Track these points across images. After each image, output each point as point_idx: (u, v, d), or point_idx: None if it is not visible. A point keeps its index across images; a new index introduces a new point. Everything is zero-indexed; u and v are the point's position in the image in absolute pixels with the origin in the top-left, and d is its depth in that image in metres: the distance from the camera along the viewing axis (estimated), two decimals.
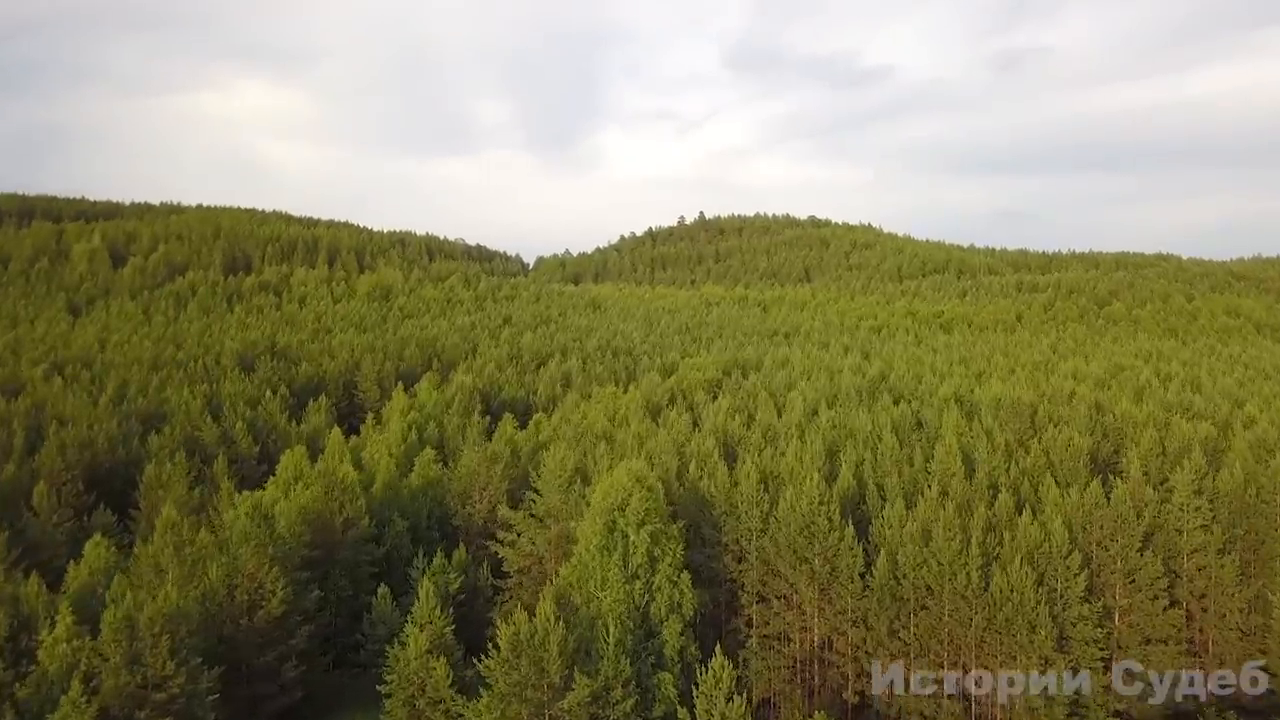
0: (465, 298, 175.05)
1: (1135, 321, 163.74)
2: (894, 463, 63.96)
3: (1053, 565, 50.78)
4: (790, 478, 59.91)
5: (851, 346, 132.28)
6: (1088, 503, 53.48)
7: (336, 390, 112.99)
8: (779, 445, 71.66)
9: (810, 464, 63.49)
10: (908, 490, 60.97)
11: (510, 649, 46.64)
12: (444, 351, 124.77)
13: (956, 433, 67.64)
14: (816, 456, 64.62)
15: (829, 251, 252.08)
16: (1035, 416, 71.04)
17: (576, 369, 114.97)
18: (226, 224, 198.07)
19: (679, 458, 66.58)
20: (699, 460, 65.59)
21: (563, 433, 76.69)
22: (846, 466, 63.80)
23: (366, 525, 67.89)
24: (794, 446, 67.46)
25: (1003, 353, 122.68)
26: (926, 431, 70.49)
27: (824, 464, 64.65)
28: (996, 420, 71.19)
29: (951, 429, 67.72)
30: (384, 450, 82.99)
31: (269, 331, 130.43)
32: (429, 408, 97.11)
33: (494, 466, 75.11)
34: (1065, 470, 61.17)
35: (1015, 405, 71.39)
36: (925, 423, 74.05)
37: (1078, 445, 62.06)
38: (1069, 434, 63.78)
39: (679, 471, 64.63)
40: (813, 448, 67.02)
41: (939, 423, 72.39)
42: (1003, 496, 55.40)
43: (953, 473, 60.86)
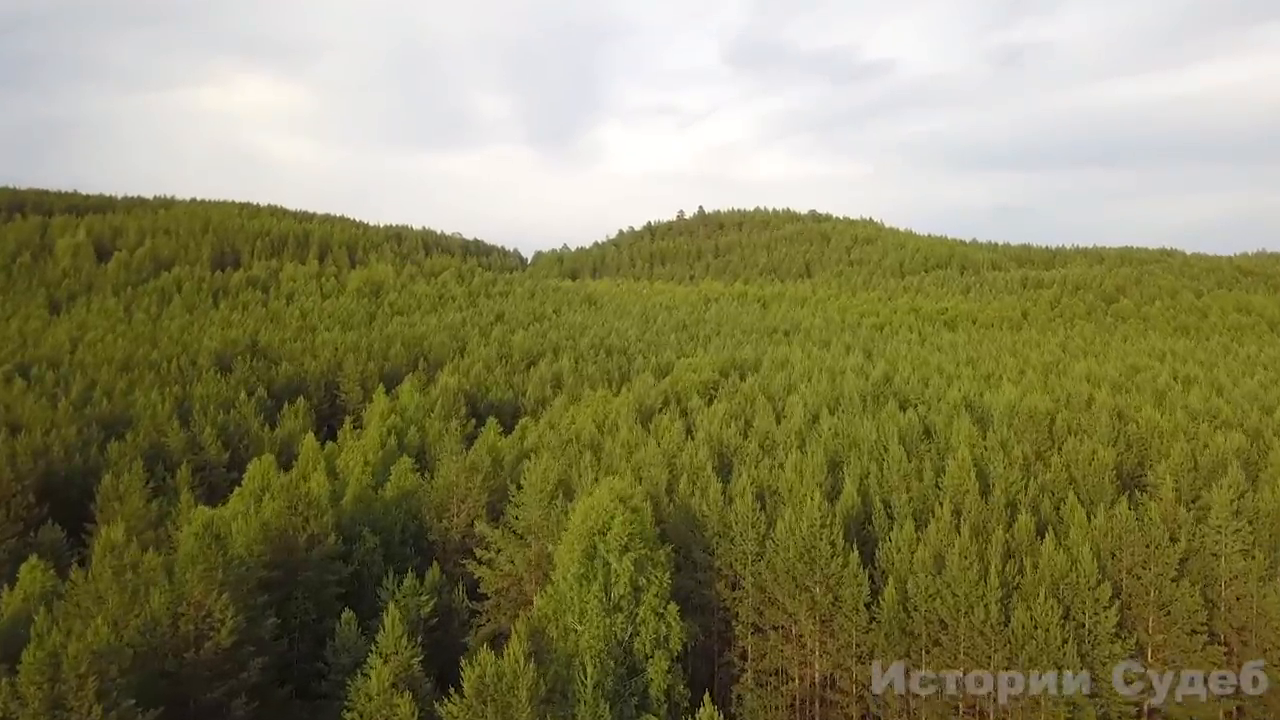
0: (458, 294, 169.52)
1: (1144, 319, 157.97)
2: (902, 477, 58.45)
3: (1079, 598, 45.31)
4: (789, 495, 54.42)
5: (853, 345, 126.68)
6: (1117, 526, 47.98)
7: (318, 391, 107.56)
8: (777, 456, 66.18)
9: (811, 478, 58.01)
10: (917, 508, 55.50)
11: (475, 693, 41.31)
12: (431, 350, 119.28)
13: (969, 444, 62.08)
14: (818, 470, 59.11)
15: (830, 247, 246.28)
16: (1053, 426, 65.41)
17: (568, 369, 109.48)
18: (216, 218, 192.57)
19: (669, 471, 61.10)
20: (691, 474, 60.13)
21: (547, 440, 71.25)
22: (850, 481, 58.33)
23: (333, 542, 62.35)
24: (794, 458, 61.97)
25: (1010, 352, 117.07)
26: (936, 442, 64.96)
27: (825, 478, 59.18)
28: (1012, 429, 65.61)
29: (964, 440, 62.17)
30: (359, 458, 77.55)
31: (251, 329, 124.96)
32: (410, 411, 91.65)
33: (473, 477, 69.65)
34: (1089, 487, 55.61)
35: (1032, 413, 65.75)
36: (934, 431, 68.50)
37: (1102, 459, 56.49)
38: (1092, 446, 58.21)
39: (669, 486, 59.17)
40: (814, 460, 61.50)
41: (949, 432, 66.85)
42: (1022, 518, 49.89)
43: (966, 489, 55.34)
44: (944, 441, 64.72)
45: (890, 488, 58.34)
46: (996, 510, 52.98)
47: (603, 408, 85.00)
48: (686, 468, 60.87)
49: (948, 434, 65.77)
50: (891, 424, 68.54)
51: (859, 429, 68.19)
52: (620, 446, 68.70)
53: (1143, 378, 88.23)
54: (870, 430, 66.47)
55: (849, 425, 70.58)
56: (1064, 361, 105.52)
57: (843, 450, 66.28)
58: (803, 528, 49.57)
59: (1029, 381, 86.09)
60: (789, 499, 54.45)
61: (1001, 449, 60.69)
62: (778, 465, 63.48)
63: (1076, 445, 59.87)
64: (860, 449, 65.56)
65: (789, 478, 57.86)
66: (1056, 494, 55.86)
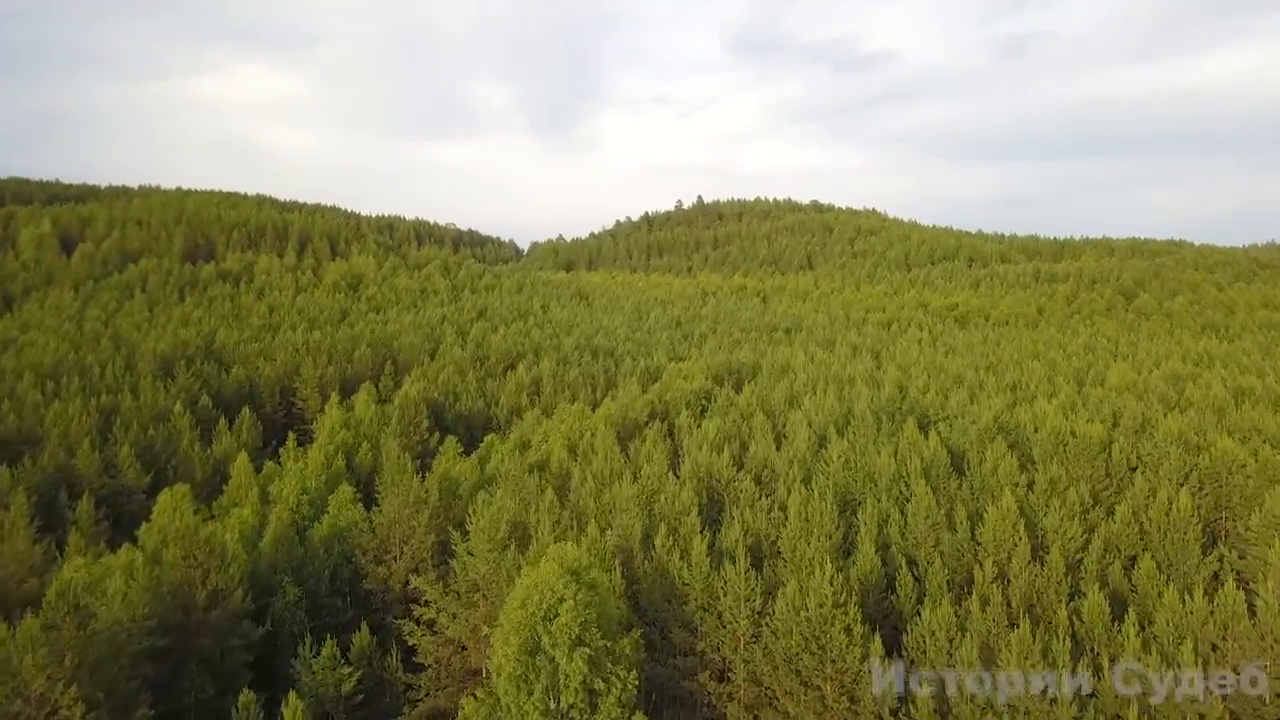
0: (441, 288, 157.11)
1: (1168, 315, 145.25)
2: (930, 527, 46.34)
3: None
4: (792, 556, 42.38)
5: (860, 346, 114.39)
6: (1222, 613, 35.83)
7: (272, 399, 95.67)
8: (777, 492, 54.11)
9: (818, 528, 45.96)
10: (952, 570, 43.45)
11: None
12: (401, 352, 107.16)
13: (1009, 482, 49.94)
14: (826, 515, 46.99)
15: (832, 238, 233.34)
16: (1110, 459, 53.12)
17: (548, 374, 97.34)
18: (191, 208, 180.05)
19: (646, 515, 49.02)
20: (672, 521, 48.09)
21: (509, 469, 59.22)
22: (866, 532, 46.27)
23: (241, 599, 50.52)
24: (797, 498, 49.90)
25: (1032, 355, 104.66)
26: (969, 479, 52.71)
27: (836, 527, 47.10)
28: (1060, 462, 53.36)
29: (1004, 478, 50.00)
30: (295, 485, 65.67)
31: (210, 328, 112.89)
32: (365, 425, 79.70)
33: (418, 514, 57.72)
34: (1169, 546, 43.47)
35: (1084, 443, 53.41)
36: (965, 463, 56.33)
37: (1182, 509, 44.25)
38: (1168, 491, 45.88)
39: (646, 535, 47.15)
40: (821, 500, 49.41)
41: (981, 463, 54.66)
42: (1093, 597, 37.76)
43: (1013, 544, 43.29)
44: (977, 478, 52.47)
45: (915, 540, 46.26)
46: (1054, 576, 40.87)
47: (579, 424, 72.94)
48: (667, 513, 48.79)
49: (981, 467, 53.54)
50: (913, 453, 56.37)
51: (874, 459, 56.02)
52: (591, 478, 56.64)
53: (1192, 390, 75.82)
54: (888, 461, 54.28)
55: (862, 453, 58.43)
56: (1095, 367, 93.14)
57: (856, 486, 54.18)
58: (810, 606, 37.55)
59: (1064, 396, 73.74)
60: (791, 561, 42.42)
61: (1051, 488, 48.46)
62: (778, 507, 51.43)
63: (1144, 486, 47.60)
64: (877, 485, 53.45)
65: (792, 528, 45.81)
66: (1129, 555, 43.80)
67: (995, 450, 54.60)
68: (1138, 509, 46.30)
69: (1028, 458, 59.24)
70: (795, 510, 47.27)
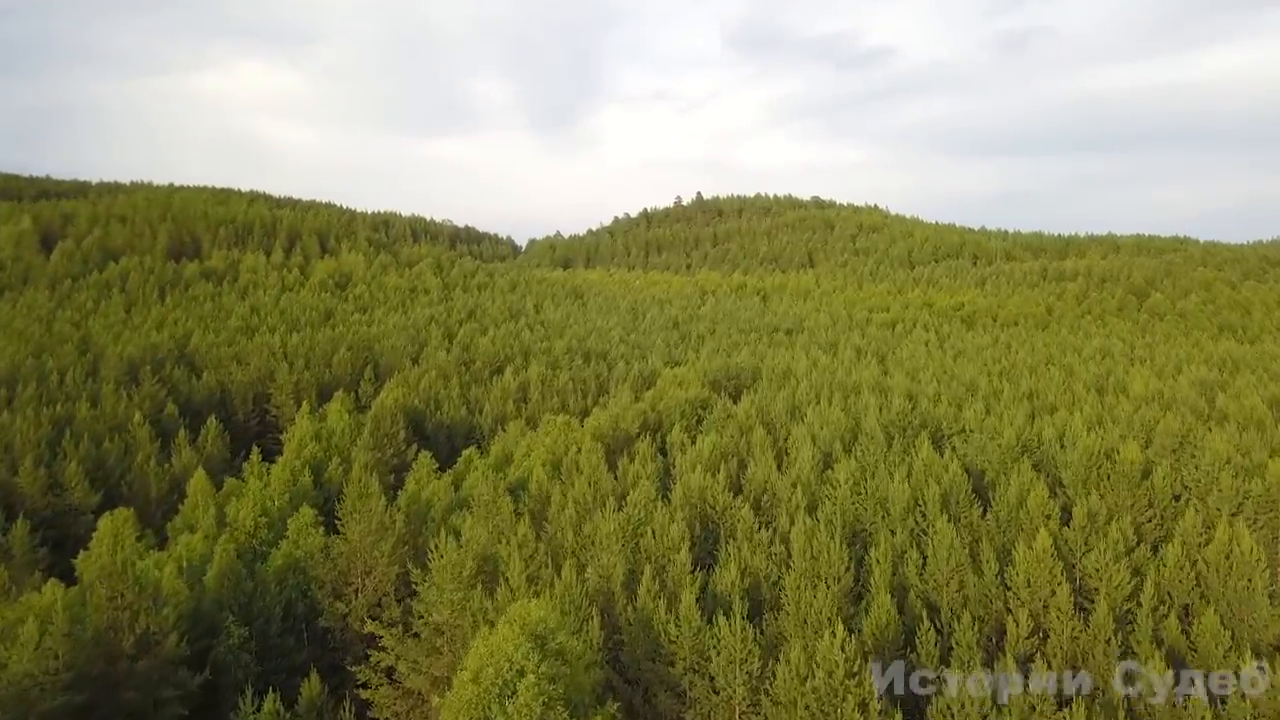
0: (433, 286, 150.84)
1: (1182, 315, 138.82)
2: (953, 568, 40.15)
3: None
4: (796, 610, 36.22)
5: (864, 349, 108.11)
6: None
7: (245, 406, 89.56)
8: (779, 521, 47.95)
9: (826, 570, 39.83)
10: (981, 624, 37.27)
11: None
12: (383, 355, 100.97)
13: (1041, 514, 43.72)
14: (834, 554, 40.82)
15: (834, 235, 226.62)
16: (1153, 485, 46.85)
17: (536, 380, 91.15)
18: (177, 204, 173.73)
19: (630, 554, 42.85)
20: (658, 560, 41.94)
21: (482, 494, 53.02)
22: (880, 573, 40.15)
23: (175, 644, 44.46)
24: (800, 530, 43.78)
25: (1046, 359, 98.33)
26: (995, 510, 46.43)
27: (846, 567, 40.93)
28: (1096, 489, 47.11)
29: (1035, 510, 43.77)
30: (254, 506, 59.55)
31: (186, 330, 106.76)
32: (337, 436, 73.56)
33: (381, 542, 51.62)
34: (1231, 595, 37.26)
35: (1123, 467, 47.15)
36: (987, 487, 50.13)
37: (1244, 552, 37.98)
38: (1224, 529, 39.56)
39: (629, 578, 40.98)
40: (828, 533, 43.29)
41: (1006, 488, 48.42)
42: (1154, 668, 31.55)
43: (1050, 590, 37.14)
44: (1004, 507, 46.21)
45: (937, 584, 40.07)
46: (1101, 632, 34.69)
47: (564, 437, 66.73)
48: (654, 551, 42.59)
49: (1006, 494, 47.28)
50: (929, 477, 50.17)
51: (886, 483, 49.79)
52: (573, 504, 50.44)
53: (1224, 400, 69.58)
54: (901, 487, 48.03)
55: (872, 474, 52.22)
56: (1114, 373, 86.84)
57: (866, 515, 47.98)
58: (818, 675, 31.41)
59: (1089, 408, 67.47)
60: (795, 614, 36.24)
61: (1090, 522, 42.20)
62: (779, 540, 45.26)
63: (1195, 520, 41.36)
64: (890, 514, 47.25)
65: (796, 570, 39.67)
66: (1178, 597, 37.61)
67: (1021, 474, 48.37)
68: (1190, 547, 40.08)
69: (1055, 480, 53.04)
70: (799, 548, 41.11)
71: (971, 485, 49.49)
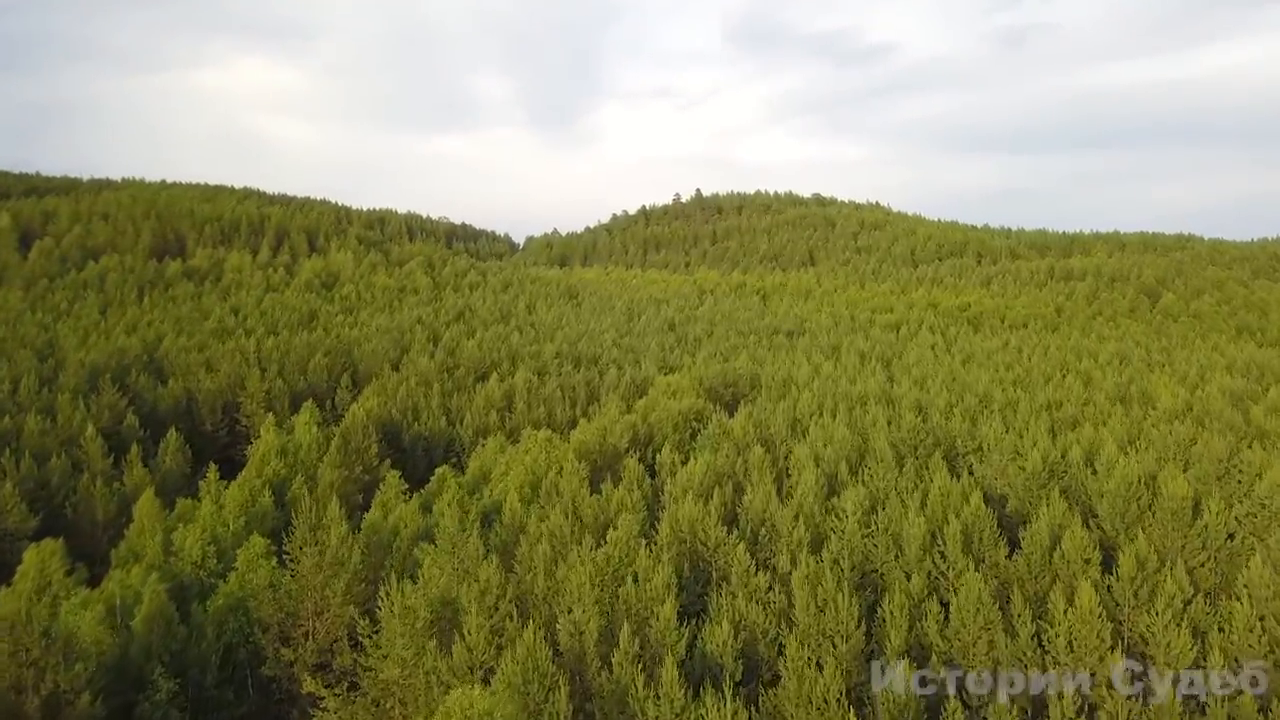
0: (423, 286, 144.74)
1: (1196, 316, 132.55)
2: (982, 627, 34.09)
3: None
4: (799, 687, 30.15)
5: (868, 354, 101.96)
6: None
7: (213, 416, 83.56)
8: (778, 560, 41.93)
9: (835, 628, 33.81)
10: (1015, 695, 31.26)
11: None
12: (363, 360, 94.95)
13: (1080, 556, 37.65)
14: (843, 610, 34.81)
15: (835, 233, 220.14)
16: (1206, 523, 40.67)
17: (522, 388, 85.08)
18: (163, 201, 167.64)
19: (607, 607, 36.80)
20: (639, 614, 35.92)
21: (446, 526, 46.97)
22: (896, 631, 34.13)
23: (90, 703, 38.50)
24: (803, 576, 37.81)
25: (1061, 365, 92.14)
26: (1028, 555, 40.23)
27: (856, 622, 34.91)
28: (1140, 526, 40.97)
29: (1072, 552, 37.68)
30: (203, 533, 53.61)
31: (159, 333, 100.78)
32: (304, 451, 67.58)
33: (335, 579, 45.67)
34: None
35: (1171, 503, 41.00)
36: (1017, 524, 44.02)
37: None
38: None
39: (604, 636, 34.96)
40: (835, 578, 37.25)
41: (1035, 521, 42.35)
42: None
43: (1098, 657, 31.11)
44: (1035, 548, 40.06)
45: (963, 646, 34.01)
46: None
47: (545, 456, 60.71)
48: (634, 603, 36.52)
49: (1036, 530, 41.16)
50: (946, 509, 44.13)
51: (899, 516, 43.71)
52: (547, 539, 44.37)
53: (1260, 414, 63.39)
54: (916, 523, 41.93)
55: (883, 505, 46.14)
56: (1136, 381, 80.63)
57: (877, 555, 41.91)
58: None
59: (1115, 423, 61.33)
60: (798, 693, 30.19)
61: (1140, 570, 36.07)
62: (779, 584, 39.24)
63: (1261, 572, 35.22)
64: (905, 554, 41.18)
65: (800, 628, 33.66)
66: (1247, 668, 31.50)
67: (1053, 508, 42.26)
68: (1259, 599, 33.98)
69: (1087, 508, 46.99)
70: (802, 603, 35.07)
71: (995, 516, 43.35)
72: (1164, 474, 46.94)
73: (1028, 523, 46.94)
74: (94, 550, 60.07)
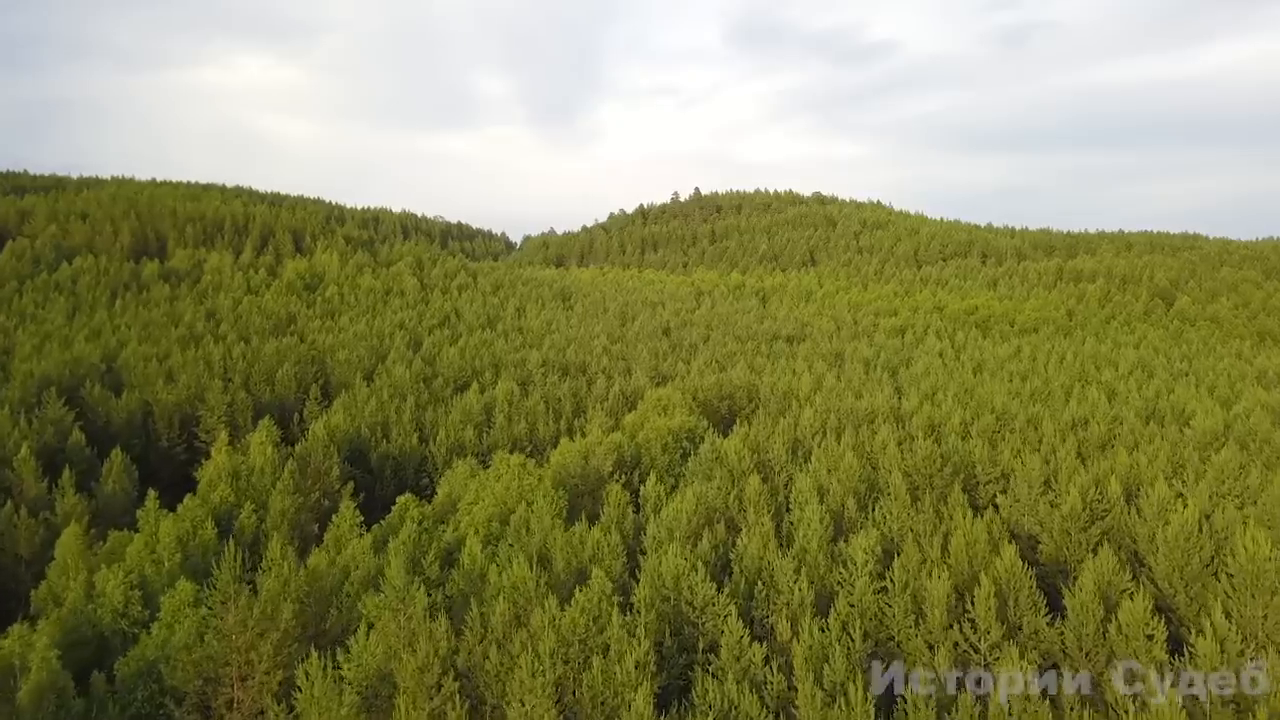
0: (409, 288, 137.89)
1: (1214, 320, 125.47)
2: None
3: None
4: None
5: (873, 362, 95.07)
6: None
7: (170, 431, 76.80)
8: (777, 627, 35.13)
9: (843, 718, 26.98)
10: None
11: None
12: (335, 370, 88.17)
13: (1143, 632, 30.76)
14: (858, 702, 28.04)
15: (836, 232, 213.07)
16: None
17: (502, 400, 78.28)
18: (144, 200, 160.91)
19: (567, 701, 29.96)
20: (607, 708, 29.12)
21: (394, 575, 40.18)
22: None
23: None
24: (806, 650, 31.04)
25: (1081, 377, 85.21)
26: (1078, 628, 33.27)
27: (870, 710, 28.13)
28: (1203, 586, 34.09)
29: (1133, 626, 30.80)
30: (124, 576, 46.86)
31: (122, 339, 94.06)
32: (257, 475, 60.78)
33: (261, 640, 38.87)
34: None
35: (1251, 564, 33.98)
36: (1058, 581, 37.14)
37: None
38: None
39: None
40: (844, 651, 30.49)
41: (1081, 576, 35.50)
42: None
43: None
44: (1086, 619, 33.12)
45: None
46: None
47: (517, 484, 53.89)
48: (601, 692, 29.71)
49: (1084, 597, 34.22)
50: (972, 559, 37.28)
51: (919, 572, 36.86)
52: (505, 596, 37.56)
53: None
54: (940, 582, 35.06)
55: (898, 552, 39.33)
56: (1164, 396, 73.72)
57: (895, 620, 35.05)
58: None
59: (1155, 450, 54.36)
60: None
61: (1222, 653, 29.18)
62: (777, 660, 32.41)
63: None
64: (928, 621, 34.33)
65: None
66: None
67: (1101, 563, 35.38)
68: None
69: (1133, 555, 40.17)
70: (806, 692, 28.22)
71: (1031, 572, 36.45)
72: (1219, 514, 40.16)
73: (1066, 572, 40.20)
74: (17, 590, 53.48)
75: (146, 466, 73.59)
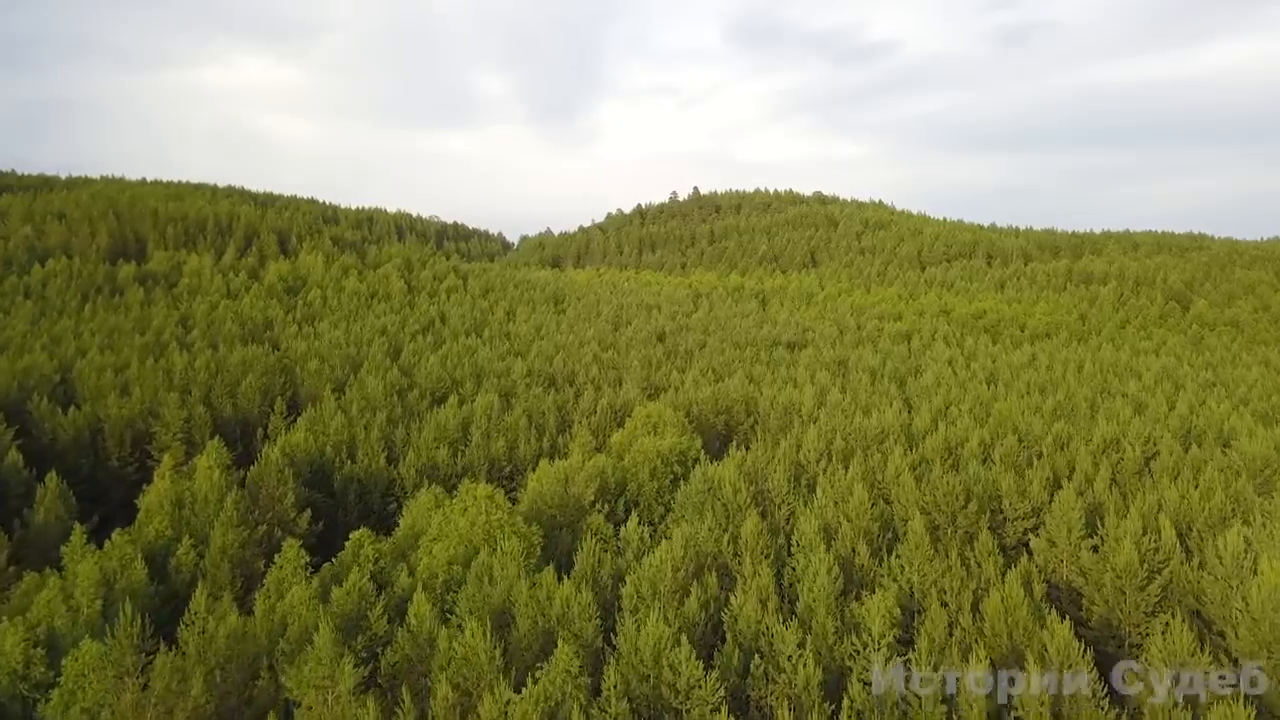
0: (396, 291, 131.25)
1: (1234, 324, 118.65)
2: None
3: None
4: None
5: (879, 371, 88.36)
6: None
7: (121, 449, 70.20)
8: (779, 715, 28.45)
9: None
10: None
11: None
12: (305, 381, 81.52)
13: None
14: None
15: (837, 232, 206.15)
16: None
17: (481, 415, 71.64)
18: (125, 200, 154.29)
19: None
20: None
21: (320, 646, 33.53)
22: None
23: None
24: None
25: (1103, 389, 78.47)
26: (1139, 699, 26.69)
27: None
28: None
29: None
30: (24, 632, 40.23)
31: (81, 347, 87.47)
32: (200, 504, 54.14)
33: (175, 712, 32.27)
34: None
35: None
36: (1105, 645, 30.45)
37: None
38: None
39: None
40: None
41: (1149, 656, 28.81)
42: None
43: None
44: None
45: None
46: None
47: (484, 518, 47.21)
48: None
49: (1149, 669, 27.58)
50: (1012, 629, 30.57)
51: (949, 648, 30.15)
52: (455, 665, 30.93)
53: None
54: (977, 665, 28.37)
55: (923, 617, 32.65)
56: (1196, 410, 66.99)
57: (921, 715, 28.36)
58: None
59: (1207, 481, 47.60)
60: None
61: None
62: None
63: None
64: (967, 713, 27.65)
65: None
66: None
67: (1173, 641, 28.67)
68: None
69: (1201, 618, 33.48)
70: None
71: (1082, 644, 29.75)
72: None
73: (1117, 637, 33.48)
74: None
75: (95, 487, 67.22)
